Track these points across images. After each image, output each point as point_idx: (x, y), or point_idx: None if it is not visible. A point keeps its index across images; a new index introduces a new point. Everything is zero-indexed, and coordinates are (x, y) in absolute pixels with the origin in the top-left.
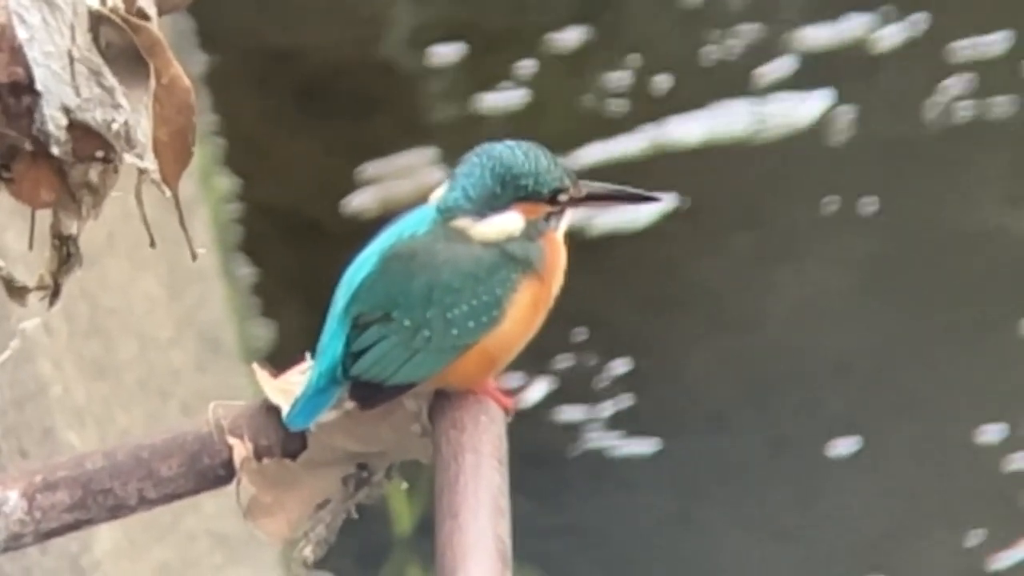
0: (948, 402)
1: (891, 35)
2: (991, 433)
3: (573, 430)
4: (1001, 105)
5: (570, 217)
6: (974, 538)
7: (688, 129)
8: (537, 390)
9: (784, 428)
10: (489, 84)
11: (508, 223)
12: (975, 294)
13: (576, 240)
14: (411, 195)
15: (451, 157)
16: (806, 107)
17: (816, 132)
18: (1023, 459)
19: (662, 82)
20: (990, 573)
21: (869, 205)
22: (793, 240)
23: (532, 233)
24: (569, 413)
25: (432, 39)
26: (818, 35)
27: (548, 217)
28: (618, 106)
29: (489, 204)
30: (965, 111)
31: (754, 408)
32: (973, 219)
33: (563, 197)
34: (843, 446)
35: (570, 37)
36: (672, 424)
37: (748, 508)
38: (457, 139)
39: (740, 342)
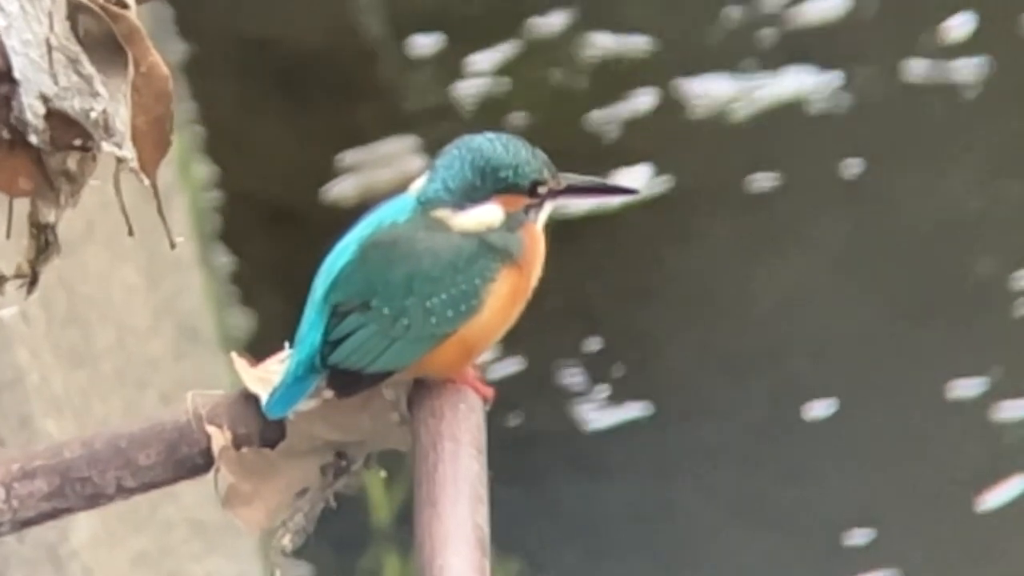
0: (925, 380)
1: (874, 8)
2: (967, 389)
3: (553, 415)
4: (982, 76)
5: (549, 209)
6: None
7: (674, 105)
8: (516, 375)
9: (764, 411)
10: (468, 71)
11: (488, 215)
12: (956, 272)
13: (555, 224)
14: (391, 183)
15: (430, 145)
16: (789, 83)
17: (799, 109)
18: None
19: (646, 61)
20: (976, 516)
21: (851, 182)
22: (774, 222)
23: (512, 224)
24: (549, 398)
25: (411, 26)
26: (803, 9)
27: (527, 209)
28: (600, 88)
29: (469, 196)
30: (951, 85)
31: (734, 392)
32: (955, 195)
33: (542, 189)
34: (822, 426)
35: (551, 22)
36: (651, 408)
37: (728, 491)
38: (436, 127)
39: (719, 326)
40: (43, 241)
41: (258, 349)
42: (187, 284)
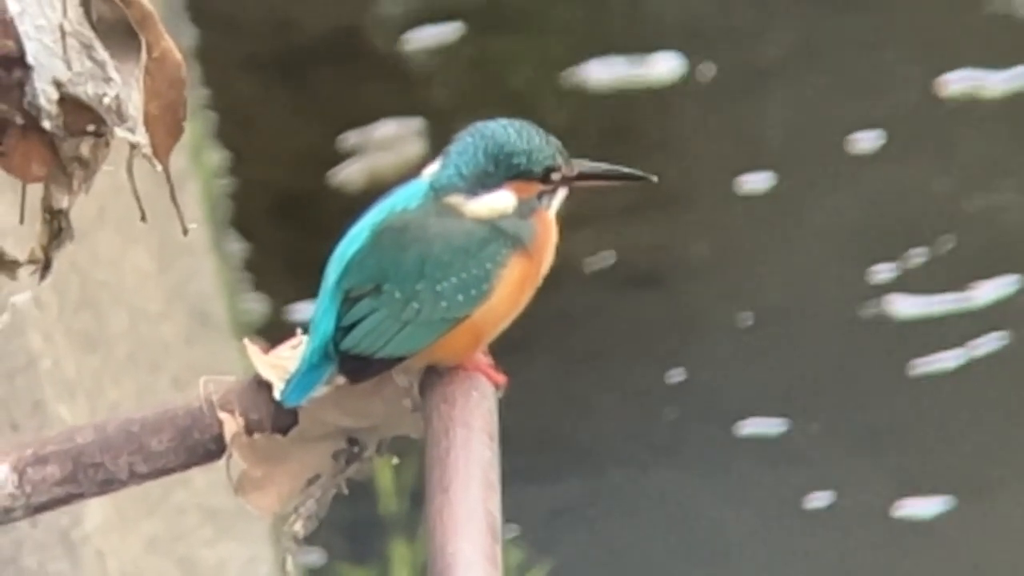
0: None
1: None
2: None
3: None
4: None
5: (562, 195)
6: None
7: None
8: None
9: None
10: (478, 59)
11: (500, 201)
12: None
13: None
14: (396, 166)
15: (438, 128)
16: None
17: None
18: None
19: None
20: None
21: None
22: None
23: (524, 211)
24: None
25: (421, 12)
26: None
27: (540, 196)
28: (611, 79)
29: (482, 182)
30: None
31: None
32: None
33: (555, 176)
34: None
35: (560, 11)
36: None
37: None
38: (445, 111)
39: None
40: (56, 226)
41: (270, 335)
42: (199, 269)
